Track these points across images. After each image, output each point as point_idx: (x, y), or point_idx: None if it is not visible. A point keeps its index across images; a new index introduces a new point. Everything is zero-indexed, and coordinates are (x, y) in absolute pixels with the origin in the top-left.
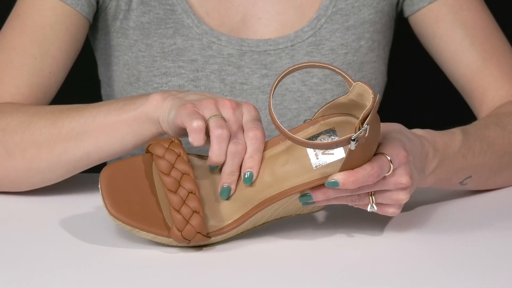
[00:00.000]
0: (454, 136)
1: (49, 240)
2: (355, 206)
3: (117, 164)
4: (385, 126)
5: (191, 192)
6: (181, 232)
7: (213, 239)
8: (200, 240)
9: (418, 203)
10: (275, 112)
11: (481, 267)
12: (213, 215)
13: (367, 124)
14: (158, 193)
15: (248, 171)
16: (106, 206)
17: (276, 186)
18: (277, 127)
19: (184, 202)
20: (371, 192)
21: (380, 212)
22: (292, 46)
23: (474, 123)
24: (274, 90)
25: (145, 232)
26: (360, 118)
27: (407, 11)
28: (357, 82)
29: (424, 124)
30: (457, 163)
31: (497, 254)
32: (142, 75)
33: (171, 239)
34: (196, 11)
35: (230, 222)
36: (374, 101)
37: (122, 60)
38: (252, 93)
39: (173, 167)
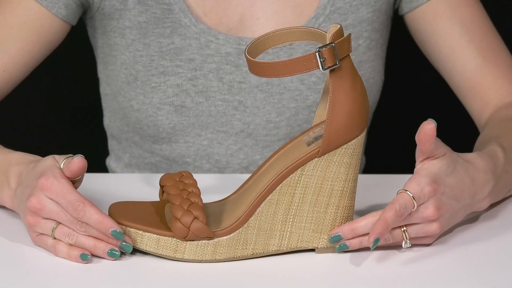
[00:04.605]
0: (497, 154)
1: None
2: (392, 245)
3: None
4: (434, 163)
5: (194, 194)
6: (180, 219)
7: (219, 240)
8: (202, 229)
9: None
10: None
11: (483, 268)
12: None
13: (334, 44)
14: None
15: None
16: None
17: (273, 172)
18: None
19: (186, 198)
20: (403, 228)
21: (415, 243)
22: (290, 45)
23: (502, 134)
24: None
25: (148, 234)
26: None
27: (405, 8)
28: (328, 29)
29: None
30: (504, 179)
31: (501, 256)
32: (140, 74)
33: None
34: (194, 10)
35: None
36: (341, 28)
37: (119, 59)
38: (250, 92)
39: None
